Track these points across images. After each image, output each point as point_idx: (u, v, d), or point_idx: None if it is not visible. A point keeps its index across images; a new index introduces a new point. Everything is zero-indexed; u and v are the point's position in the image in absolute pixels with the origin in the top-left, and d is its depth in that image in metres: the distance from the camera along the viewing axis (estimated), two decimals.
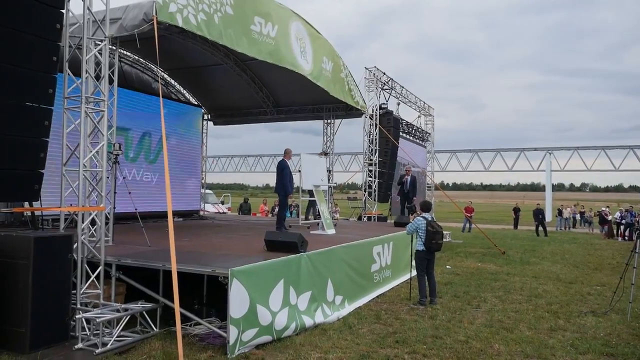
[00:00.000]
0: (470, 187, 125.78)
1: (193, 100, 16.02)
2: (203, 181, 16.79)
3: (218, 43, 8.61)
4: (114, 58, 7.43)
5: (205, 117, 16.87)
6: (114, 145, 7.29)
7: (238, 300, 5.32)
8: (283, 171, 9.84)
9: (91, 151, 6.19)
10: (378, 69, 15.29)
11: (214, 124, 17.03)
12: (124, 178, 7.74)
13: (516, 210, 25.73)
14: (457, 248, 15.94)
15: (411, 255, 8.32)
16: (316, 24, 11.72)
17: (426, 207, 8.23)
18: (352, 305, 7.71)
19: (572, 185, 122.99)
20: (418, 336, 6.17)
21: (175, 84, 15.67)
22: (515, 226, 25.50)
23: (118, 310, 5.67)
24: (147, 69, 14.75)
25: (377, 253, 9.20)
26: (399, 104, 17.64)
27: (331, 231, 10.04)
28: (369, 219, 15.10)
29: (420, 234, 7.94)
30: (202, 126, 16.59)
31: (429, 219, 7.98)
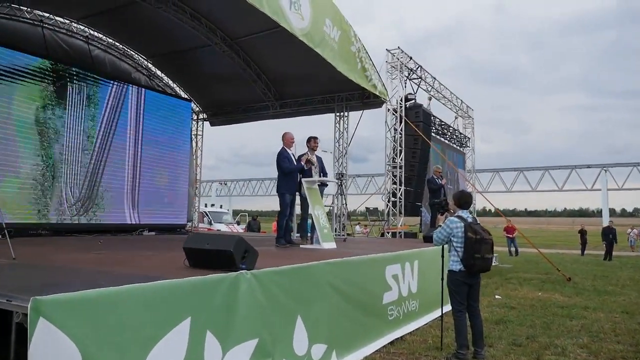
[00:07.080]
0: (514, 213, 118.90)
1: (184, 95, 13.59)
2: (196, 190, 14.21)
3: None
4: None
5: (201, 116, 14.42)
6: None
7: None
8: (280, 163, 7.31)
9: None
10: (402, 52, 12.42)
11: (211, 125, 14.50)
12: None
13: (583, 233, 22.07)
14: (507, 273, 12.62)
15: (442, 279, 5.33)
16: None
17: (464, 201, 5.18)
18: None
19: (623, 210, 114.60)
20: None
21: (163, 76, 13.31)
22: (583, 252, 21.87)
23: None
24: (125, 56, 12.43)
25: (393, 275, 6.20)
26: (430, 98, 14.60)
27: (329, 245, 7.09)
28: (394, 235, 12.03)
29: (455, 244, 4.94)
30: (196, 127, 14.20)
31: (469, 220, 4.99)
